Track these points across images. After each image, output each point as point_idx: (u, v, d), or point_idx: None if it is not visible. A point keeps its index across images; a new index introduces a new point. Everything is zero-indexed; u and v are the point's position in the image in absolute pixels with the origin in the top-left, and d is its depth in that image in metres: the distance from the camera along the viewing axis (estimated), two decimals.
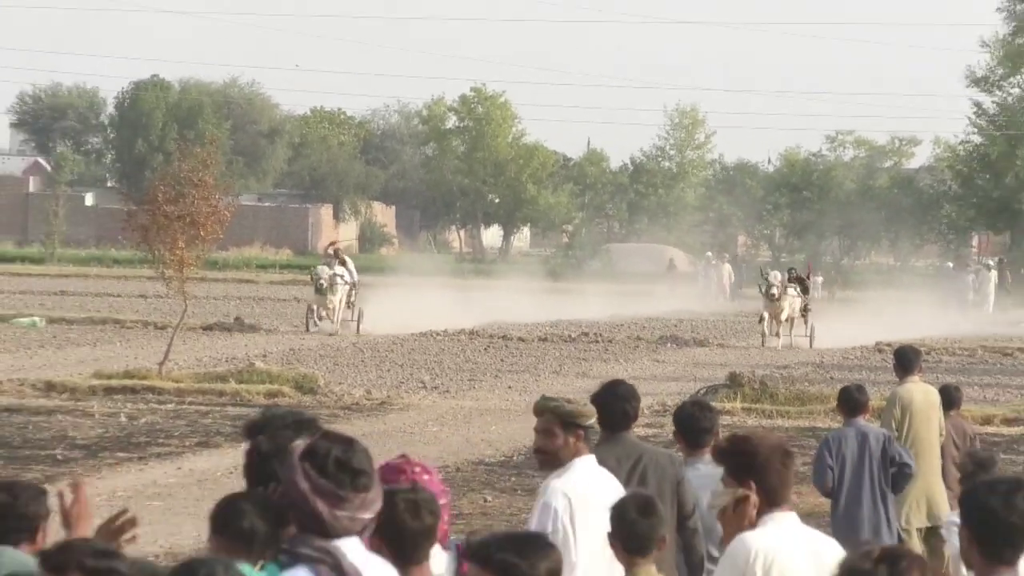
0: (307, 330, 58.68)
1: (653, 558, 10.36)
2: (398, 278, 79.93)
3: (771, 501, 9.76)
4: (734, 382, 40.08)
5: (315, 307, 59.28)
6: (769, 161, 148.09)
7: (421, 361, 50.32)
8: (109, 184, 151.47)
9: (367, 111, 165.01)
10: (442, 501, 8.77)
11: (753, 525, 9.57)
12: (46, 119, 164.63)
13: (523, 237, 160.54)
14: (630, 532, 10.18)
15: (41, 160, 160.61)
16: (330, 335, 57.08)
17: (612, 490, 11.45)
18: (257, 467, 8.44)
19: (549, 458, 11.83)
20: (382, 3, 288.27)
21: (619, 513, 10.25)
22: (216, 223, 42.84)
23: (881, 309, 72.70)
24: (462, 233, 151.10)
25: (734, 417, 35.60)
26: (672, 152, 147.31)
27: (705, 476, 12.65)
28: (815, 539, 9.97)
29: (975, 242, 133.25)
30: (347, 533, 7.64)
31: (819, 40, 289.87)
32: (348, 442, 7.74)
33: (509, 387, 43.42)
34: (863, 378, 46.51)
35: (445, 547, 9.15)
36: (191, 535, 21.31)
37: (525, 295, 73.98)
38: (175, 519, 23.41)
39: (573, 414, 11.84)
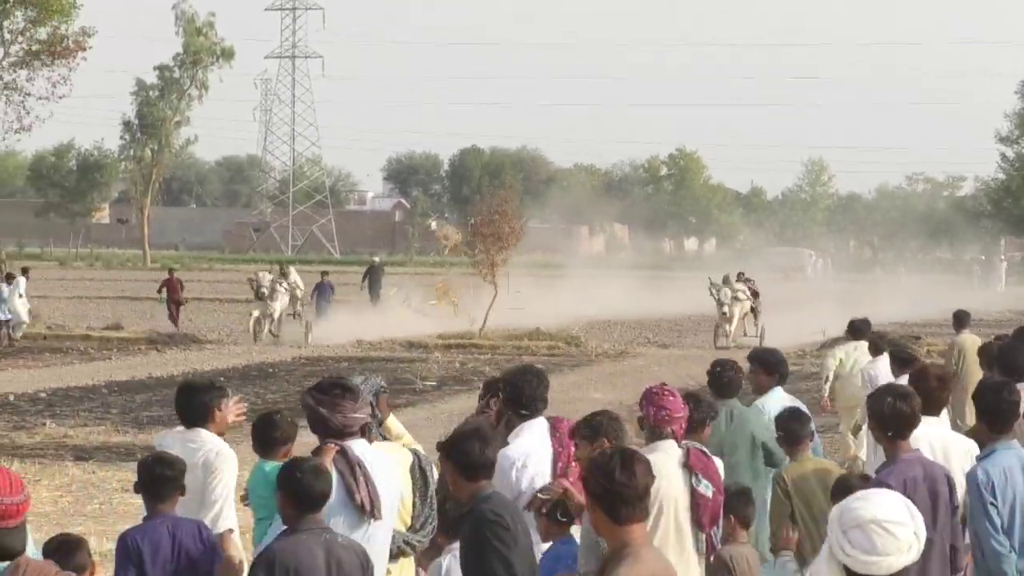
0: (255, 341, 40.83)
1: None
2: None
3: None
4: None
5: (259, 316, 41.85)
6: None
7: (648, 323, 50.42)
8: (446, 215, 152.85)
9: (610, 165, 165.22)
10: (681, 413, 8.45)
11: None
12: (405, 173, 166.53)
13: None
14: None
15: (403, 200, 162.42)
16: (273, 344, 40.61)
17: None
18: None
19: None
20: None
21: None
22: (515, 238, 43.10)
23: None
24: None
25: None
26: None
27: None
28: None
29: None
30: (349, 431, 7.43)
31: None
32: (338, 376, 7.78)
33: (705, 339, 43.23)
34: None
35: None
36: None
37: None
38: None
39: None
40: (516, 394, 8.87)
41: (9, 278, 40.14)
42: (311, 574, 6.71)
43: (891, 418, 7.95)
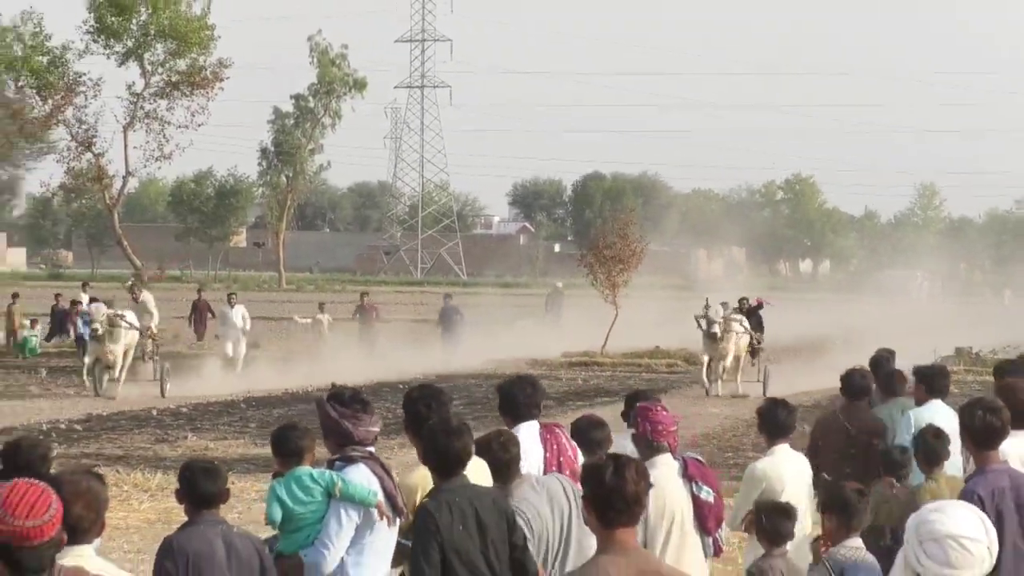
0: (95, 394, 30.20)
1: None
2: None
3: None
4: None
5: (95, 361, 30.67)
6: None
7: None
8: (569, 238, 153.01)
9: (727, 190, 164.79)
10: (673, 427, 8.73)
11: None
12: (530, 198, 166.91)
13: None
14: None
15: (527, 224, 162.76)
16: (110, 398, 29.85)
17: None
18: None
19: None
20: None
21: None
22: (636, 261, 43.09)
23: None
24: None
25: None
26: None
27: None
28: None
29: None
30: (367, 442, 7.66)
31: None
32: (355, 390, 7.89)
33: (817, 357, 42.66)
34: None
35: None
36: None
37: None
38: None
39: None
40: (510, 401, 9.31)
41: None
42: (208, 561, 7.02)
43: (981, 431, 8.04)
